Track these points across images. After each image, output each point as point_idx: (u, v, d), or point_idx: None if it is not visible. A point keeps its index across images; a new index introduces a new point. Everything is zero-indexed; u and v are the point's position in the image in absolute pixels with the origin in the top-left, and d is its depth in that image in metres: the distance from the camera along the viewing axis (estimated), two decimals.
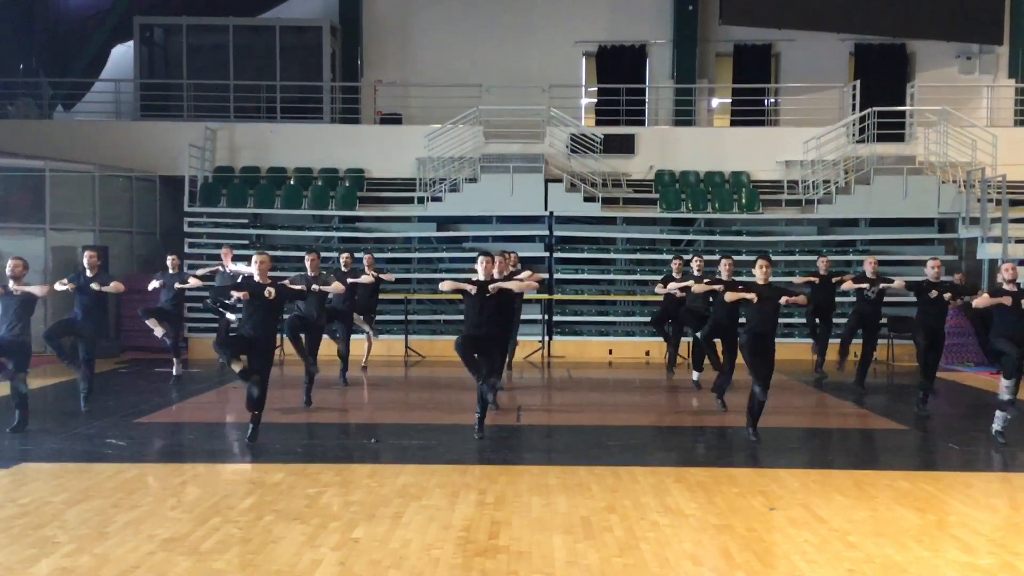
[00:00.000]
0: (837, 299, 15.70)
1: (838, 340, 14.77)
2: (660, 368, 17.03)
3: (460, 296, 10.48)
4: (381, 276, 15.02)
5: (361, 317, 14.93)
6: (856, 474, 8.87)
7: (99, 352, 12.83)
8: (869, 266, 14.14)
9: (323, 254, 14.44)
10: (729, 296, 10.42)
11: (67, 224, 18.17)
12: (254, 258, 10.11)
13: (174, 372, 14.81)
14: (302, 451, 9.80)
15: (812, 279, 15.08)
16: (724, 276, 12.25)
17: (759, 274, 10.28)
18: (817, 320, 15.30)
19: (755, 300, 10.03)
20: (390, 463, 9.22)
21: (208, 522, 7.14)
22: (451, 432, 10.73)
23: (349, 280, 13.47)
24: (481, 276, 10.29)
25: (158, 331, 14.28)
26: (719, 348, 13.35)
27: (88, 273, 11.91)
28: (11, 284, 10.37)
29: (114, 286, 11.93)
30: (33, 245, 17.16)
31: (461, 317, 18.45)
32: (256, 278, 10.02)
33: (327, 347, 13.57)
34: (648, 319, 18.56)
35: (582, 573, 6.11)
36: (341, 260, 14.66)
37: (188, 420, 11.93)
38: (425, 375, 16.16)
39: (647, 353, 18.18)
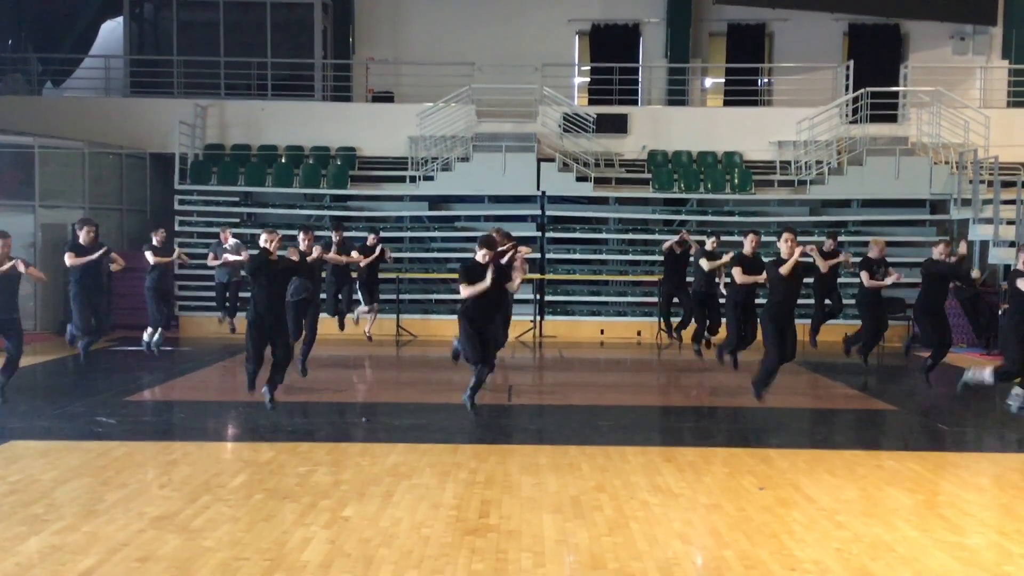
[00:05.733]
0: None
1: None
2: (651, 348, 17.07)
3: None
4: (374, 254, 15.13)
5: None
6: (845, 454, 8.90)
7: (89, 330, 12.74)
8: (878, 248, 13.87)
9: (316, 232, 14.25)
10: (785, 269, 10.32)
11: (56, 201, 18.07)
12: (263, 236, 10.06)
13: (145, 337, 14.45)
14: (293, 430, 9.79)
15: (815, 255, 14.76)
16: (748, 251, 11.93)
17: (785, 248, 10.26)
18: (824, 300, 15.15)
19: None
20: (381, 442, 9.22)
21: (198, 500, 7.13)
22: (442, 411, 10.73)
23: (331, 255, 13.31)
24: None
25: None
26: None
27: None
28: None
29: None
30: (22, 222, 17.07)
31: (454, 297, 18.72)
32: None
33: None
34: (640, 300, 18.64)
35: (571, 552, 6.13)
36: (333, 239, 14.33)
37: (178, 398, 11.91)
38: (417, 354, 16.15)
39: (639, 333, 18.19)
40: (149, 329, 14.48)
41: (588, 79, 23.01)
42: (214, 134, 20.61)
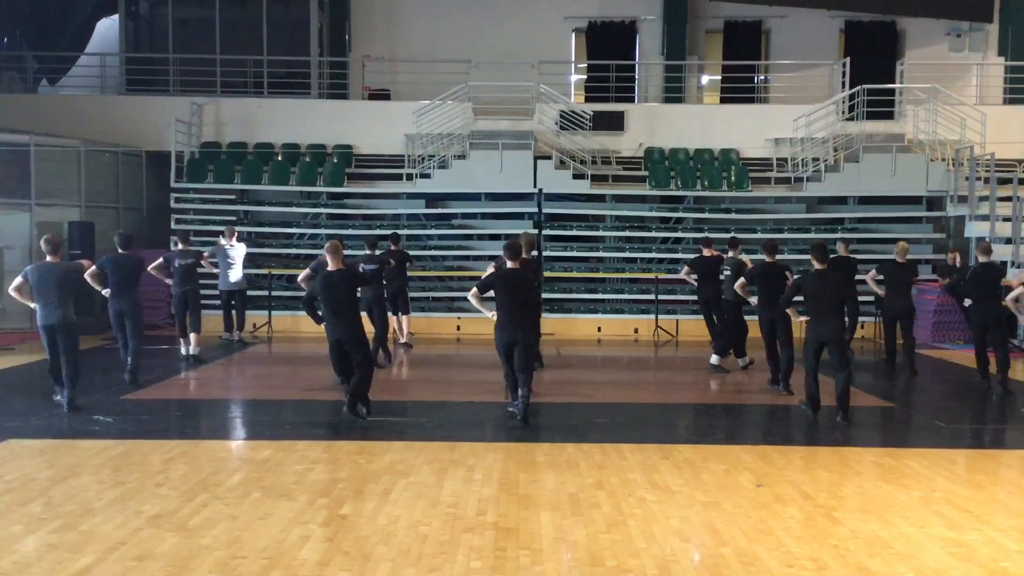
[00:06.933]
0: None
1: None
2: (648, 346, 17.07)
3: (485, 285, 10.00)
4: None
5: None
6: (842, 451, 8.91)
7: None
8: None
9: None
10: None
11: (53, 200, 18.04)
12: (328, 246, 9.76)
13: (191, 351, 14.12)
14: (290, 428, 9.79)
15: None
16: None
17: (819, 264, 10.22)
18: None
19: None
20: (378, 440, 9.21)
21: (195, 499, 7.13)
22: (439, 409, 10.73)
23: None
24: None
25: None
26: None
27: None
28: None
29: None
30: (19, 221, 17.05)
31: (452, 294, 18.77)
32: (331, 267, 9.71)
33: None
34: (637, 297, 18.60)
35: (569, 549, 6.13)
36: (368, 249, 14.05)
37: (175, 397, 11.88)
38: (415, 352, 16.13)
39: (636, 331, 18.19)
40: (193, 336, 14.05)
41: (585, 76, 23.02)
42: (210, 132, 20.59)
